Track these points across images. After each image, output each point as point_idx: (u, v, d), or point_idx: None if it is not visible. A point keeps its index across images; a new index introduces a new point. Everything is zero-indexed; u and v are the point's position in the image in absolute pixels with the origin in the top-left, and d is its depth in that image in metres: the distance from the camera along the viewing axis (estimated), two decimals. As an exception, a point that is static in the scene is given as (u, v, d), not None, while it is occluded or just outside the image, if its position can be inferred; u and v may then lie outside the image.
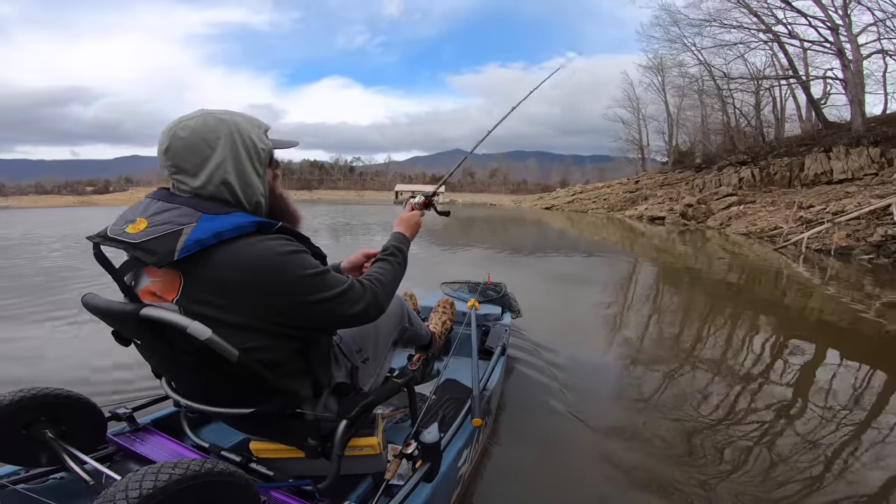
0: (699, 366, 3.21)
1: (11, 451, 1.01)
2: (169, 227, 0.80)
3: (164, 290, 0.83)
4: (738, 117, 27.24)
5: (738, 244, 11.63)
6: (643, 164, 43.48)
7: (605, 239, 14.10)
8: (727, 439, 2.17)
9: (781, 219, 13.01)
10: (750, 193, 18.67)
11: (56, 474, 1.08)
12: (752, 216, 15.12)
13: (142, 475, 0.66)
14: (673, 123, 36.73)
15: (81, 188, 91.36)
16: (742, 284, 6.74)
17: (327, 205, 44.38)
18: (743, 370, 3.19)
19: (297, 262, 0.85)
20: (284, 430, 1.02)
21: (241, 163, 0.90)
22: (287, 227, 0.89)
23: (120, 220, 0.86)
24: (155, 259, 0.78)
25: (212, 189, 0.87)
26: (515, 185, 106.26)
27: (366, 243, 11.72)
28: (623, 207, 27.39)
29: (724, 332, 4.30)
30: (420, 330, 1.61)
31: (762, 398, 2.69)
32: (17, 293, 5.17)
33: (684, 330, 4.26)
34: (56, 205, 51.21)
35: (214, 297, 0.81)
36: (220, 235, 0.79)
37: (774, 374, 3.14)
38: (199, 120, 0.88)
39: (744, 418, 2.42)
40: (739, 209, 16.44)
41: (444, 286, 3.19)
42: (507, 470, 1.88)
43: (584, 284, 6.38)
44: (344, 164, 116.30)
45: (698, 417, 2.40)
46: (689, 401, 2.58)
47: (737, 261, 9.00)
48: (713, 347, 3.75)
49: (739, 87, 24.96)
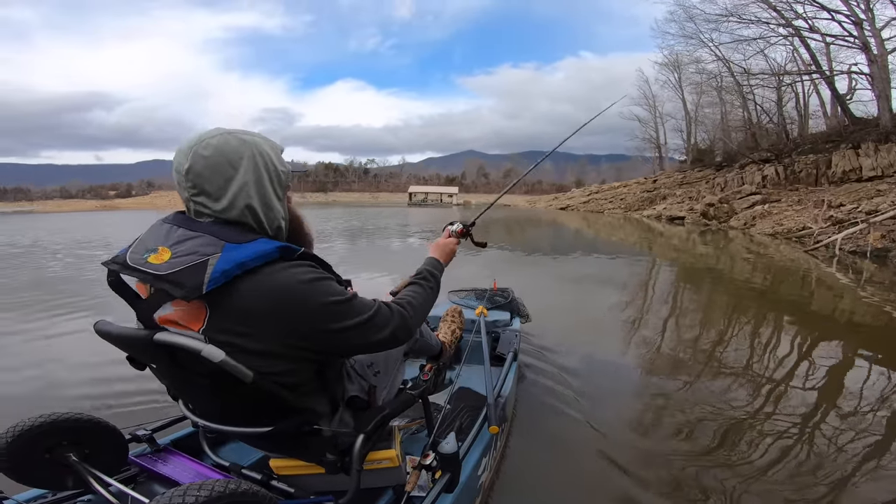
0: (722, 370, 3.08)
1: (37, 475, 1.03)
2: (195, 257, 0.79)
3: (188, 319, 0.82)
4: (760, 114, 26.52)
5: (763, 245, 11.22)
6: (661, 163, 42.75)
7: (623, 240, 13.78)
8: (751, 446, 2.09)
9: (810, 218, 12.52)
10: (774, 192, 18.08)
11: (82, 497, 1.09)
12: (777, 216, 14.60)
13: (169, 498, 0.67)
14: (691, 121, 36.08)
15: (105, 192, 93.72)
16: (768, 287, 6.43)
17: (342, 207, 44.54)
18: (767, 375, 3.04)
19: (321, 290, 0.84)
20: (303, 446, 1.03)
21: (263, 186, 0.89)
22: (309, 254, 0.88)
23: (139, 247, 0.84)
24: (183, 292, 0.77)
25: (234, 213, 0.86)
26: (530, 186, 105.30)
27: (381, 250, 11.63)
28: (641, 207, 26.91)
29: (748, 334, 4.09)
30: (430, 340, 1.59)
31: (788, 403, 2.57)
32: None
33: (705, 332, 4.08)
34: (78, 209, 52.41)
35: (239, 326, 0.81)
36: (245, 266, 0.78)
37: (801, 378, 2.99)
38: (221, 139, 0.85)
39: (768, 424, 2.32)
40: (764, 208, 15.89)
41: (450, 294, 3.18)
42: (526, 477, 1.86)
43: (601, 285, 6.21)
44: (358, 166, 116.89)
45: (721, 424, 2.31)
46: (710, 406, 2.50)
47: (762, 262, 8.64)
48: (737, 350, 3.59)
49: (760, 82, 24.28)
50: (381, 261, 8.78)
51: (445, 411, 1.47)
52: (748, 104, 26.40)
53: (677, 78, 35.38)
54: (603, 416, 2.34)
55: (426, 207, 48.51)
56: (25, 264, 8.70)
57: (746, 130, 26.71)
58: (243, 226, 0.87)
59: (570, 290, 5.92)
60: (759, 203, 16.84)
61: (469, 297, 3.12)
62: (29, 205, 69.60)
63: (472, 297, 3.11)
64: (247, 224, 0.87)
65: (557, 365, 3.00)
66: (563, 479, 1.87)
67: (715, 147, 31.49)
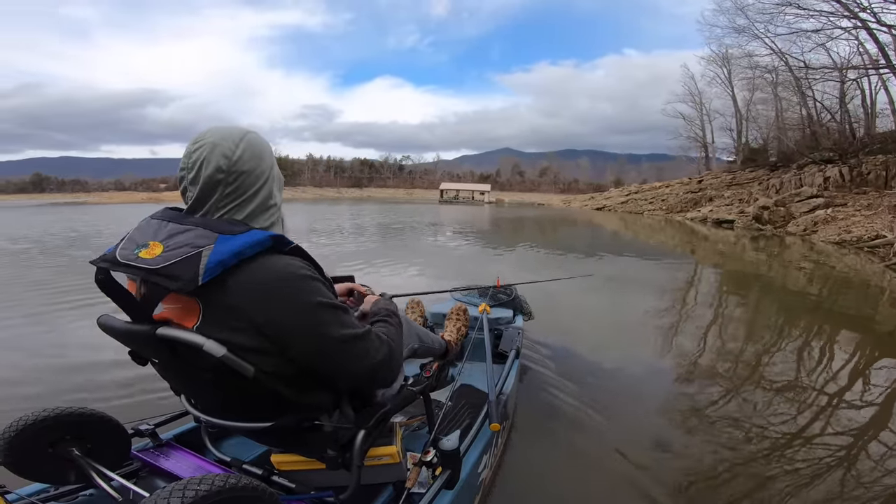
0: (763, 383, 2.87)
1: (40, 470, 1.02)
2: (188, 249, 0.77)
3: (181, 316, 0.81)
4: (820, 111, 24.42)
5: (824, 253, 10.07)
6: (707, 163, 40.41)
7: (664, 242, 12.84)
8: (789, 467, 1.93)
9: (884, 225, 11.19)
10: (839, 195, 16.45)
11: (84, 491, 1.09)
12: (843, 221, 13.15)
13: (169, 492, 0.67)
14: (742, 119, 33.91)
15: (156, 185, 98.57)
16: (825, 298, 5.56)
17: (377, 204, 44.72)
18: (814, 393, 2.76)
19: (313, 288, 0.83)
20: (304, 441, 1.02)
21: (278, 180, 0.96)
22: (302, 250, 0.88)
23: (129, 244, 0.82)
24: (179, 285, 0.75)
25: (252, 208, 0.89)
26: (566, 185, 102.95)
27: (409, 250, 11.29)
28: (684, 209, 25.50)
29: (798, 347, 3.72)
30: (432, 345, 1.60)
31: (835, 427, 2.33)
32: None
33: (728, 340, 3.82)
34: (126, 201, 55.01)
35: (234, 321, 0.79)
36: (241, 255, 0.77)
37: (854, 401, 2.66)
38: (253, 136, 0.89)
39: (810, 446, 2.12)
40: (827, 213, 14.35)
41: (454, 292, 3.17)
42: (527, 475, 1.86)
43: (631, 288, 5.95)
44: (393, 162, 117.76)
45: (753, 439, 2.16)
46: (730, 418, 2.36)
47: (820, 272, 7.64)
48: (784, 363, 3.32)
49: (822, 77, 22.33)
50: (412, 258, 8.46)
51: (447, 408, 1.50)
52: (807, 101, 24.42)
53: (727, 73, 33.40)
54: (605, 416, 2.33)
55: (458, 205, 48.03)
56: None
57: (804, 129, 24.77)
58: (238, 221, 0.86)
59: (604, 291, 5.70)
60: (821, 207, 15.31)
61: (472, 294, 3.11)
62: (85, 196, 74.02)
63: (475, 294, 3.10)
64: (242, 220, 0.87)
65: (559, 364, 2.99)
66: (565, 478, 1.86)
67: (769, 146, 29.47)
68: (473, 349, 2.02)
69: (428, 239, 12.60)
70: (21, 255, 8.62)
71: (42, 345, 3.50)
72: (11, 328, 3.93)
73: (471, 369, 2.13)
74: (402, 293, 2.00)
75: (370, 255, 8.59)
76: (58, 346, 3.45)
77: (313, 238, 11.69)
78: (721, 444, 2.10)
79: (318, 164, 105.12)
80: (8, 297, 5.00)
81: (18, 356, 3.23)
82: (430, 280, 6.18)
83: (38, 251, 9.31)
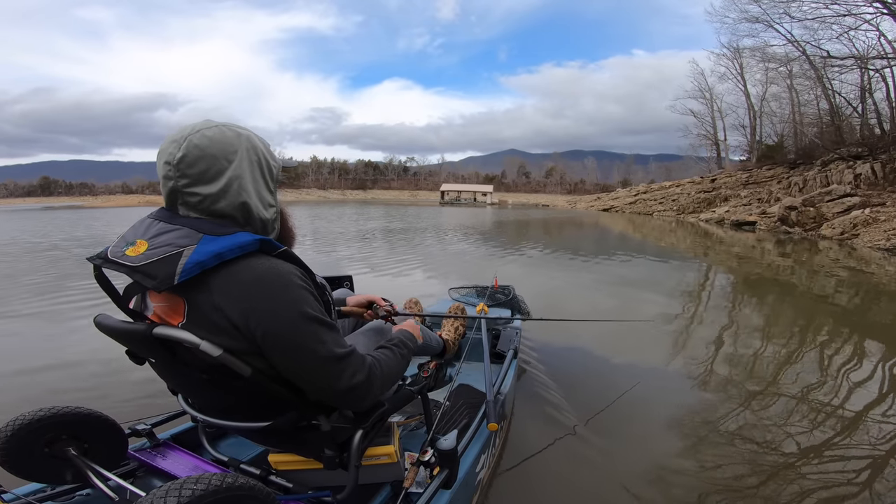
0: (780, 393, 2.61)
1: (36, 469, 1.01)
2: (168, 249, 0.77)
3: (168, 314, 0.80)
4: (842, 105, 22.71)
5: (863, 260, 8.49)
6: (719, 162, 38.58)
7: (674, 245, 11.29)
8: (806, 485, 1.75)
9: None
10: (874, 193, 14.77)
11: (81, 491, 1.07)
12: (887, 223, 11.51)
13: (165, 491, 0.66)
14: (755, 115, 32.15)
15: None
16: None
17: (381, 206, 43.42)
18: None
19: (298, 297, 0.80)
20: (301, 441, 1.01)
21: (256, 179, 0.89)
22: (292, 255, 0.86)
23: (121, 242, 0.83)
24: (154, 283, 0.75)
25: (225, 203, 0.84)
26: (572, 186, 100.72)
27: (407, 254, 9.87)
28: (696, 210, 23.93)
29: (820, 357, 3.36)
30: (431, 342, 1.67)
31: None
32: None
33: (726, 342, 3.64)
34: (124, 204, 54.39)
35: (219, 320, 0.78)
36: (221, 257, 0.76)
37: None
38: (217, 130, 0.84)
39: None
40: (866, 213, 12.65)
41: (451, 292, 3.17)
42: (524, 474, 1.84)
43: (635, 290, 5.61)
44: (398, 164, 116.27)
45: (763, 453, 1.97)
46: (730, 425, 2.23)
47: (863, 282, 6.09)
48: (808, 373, 2.98)
49: (843, 68, 20.68)
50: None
51: (444, 408, 1.54)
52: (828, 93, 22.73)
53: (738, 67, 31.68)
54: (605, 416, 2.30)
55: (459, 207, 46.61)
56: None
57: (823, 123, 23.10)
58: (232, 219, 0.85)
59: (613, 293, 5.48)
60: (857, 207, 13.64)
61: (470, 293, 3.12)
62: (80, 199, 73.48)
63: (473, 293, 3.11)
64: (235, 218, 0.85)
65: (559, 364, 2.94)
66: (562, 478, 1.83)
67: (785, 142, 27.74)
68: (471, 349, 2.05)
69: (430, 242, 11.19)
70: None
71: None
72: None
73: (469, 369, 2.12)
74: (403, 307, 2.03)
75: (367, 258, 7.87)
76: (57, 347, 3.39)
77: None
78: (727, 456, 1.97)
79: (323, 167, 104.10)
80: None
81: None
82: (423, 281, 5.88)
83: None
